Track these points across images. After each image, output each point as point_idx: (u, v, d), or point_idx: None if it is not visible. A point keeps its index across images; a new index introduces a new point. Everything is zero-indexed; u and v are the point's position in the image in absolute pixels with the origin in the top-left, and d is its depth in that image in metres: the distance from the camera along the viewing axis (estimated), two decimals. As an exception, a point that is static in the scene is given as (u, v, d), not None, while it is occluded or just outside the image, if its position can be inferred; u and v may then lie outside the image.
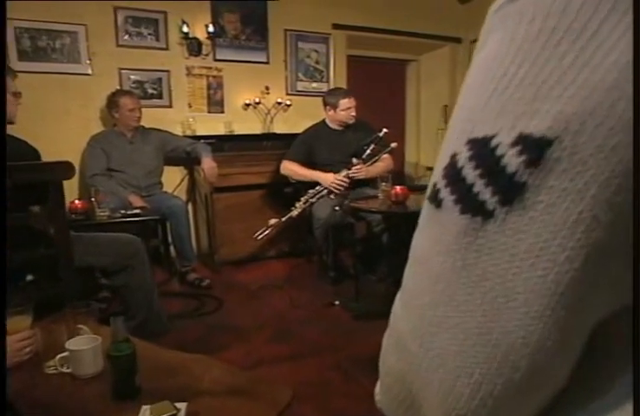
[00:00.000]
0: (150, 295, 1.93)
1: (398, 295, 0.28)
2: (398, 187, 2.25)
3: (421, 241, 0.26)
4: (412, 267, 0.26)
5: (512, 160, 0.21)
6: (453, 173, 0.23)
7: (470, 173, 0.22)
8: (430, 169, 4.57)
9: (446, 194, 0.23)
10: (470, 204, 0.22)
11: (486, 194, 0.21)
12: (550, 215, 0.20)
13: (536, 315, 0.21)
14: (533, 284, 0.21)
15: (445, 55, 4.58)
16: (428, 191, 0.25)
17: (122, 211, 2.33)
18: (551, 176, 0.20)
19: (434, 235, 0.24)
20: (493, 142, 0.21)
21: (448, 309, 0.23)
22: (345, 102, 2.87)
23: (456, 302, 0.23)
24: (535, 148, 0.20)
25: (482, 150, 0.22)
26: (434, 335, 0.24)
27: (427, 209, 0.25)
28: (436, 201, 0.24)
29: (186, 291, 2.69)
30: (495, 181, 0.21)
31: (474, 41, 4.31)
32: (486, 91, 0.22)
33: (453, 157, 0.23)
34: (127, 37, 3.19)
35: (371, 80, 4.49)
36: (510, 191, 0.21)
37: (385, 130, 2.73)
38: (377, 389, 0.31)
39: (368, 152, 2.73)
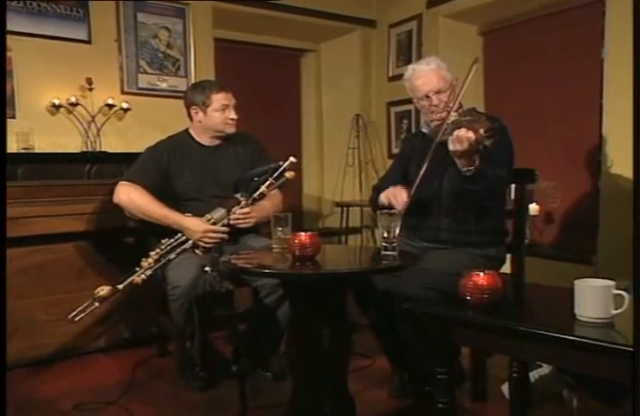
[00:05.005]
0: None
1: None
2: (303, 234, 2.07)
3: None
4: None
5: None
6: None
7: None
8: (339, 205, 4.52)
9: None
10: None
11: None
12: None
13: None
14: None
15: (353, 44, 4.72)
16: None
17: None
18: None
19: None
20: None
21: None
22: (220, 97, 2.78)
23: None
24: None
25: None
26: None
27: None
28: None
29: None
30: None
31: (393, 25, 4.46)
32: None
33: None
34: None
35: (250, 76, 4.55)
36: None
37: (292, 159, 2.63)
38: None
39: (263, 189, 2.63)
